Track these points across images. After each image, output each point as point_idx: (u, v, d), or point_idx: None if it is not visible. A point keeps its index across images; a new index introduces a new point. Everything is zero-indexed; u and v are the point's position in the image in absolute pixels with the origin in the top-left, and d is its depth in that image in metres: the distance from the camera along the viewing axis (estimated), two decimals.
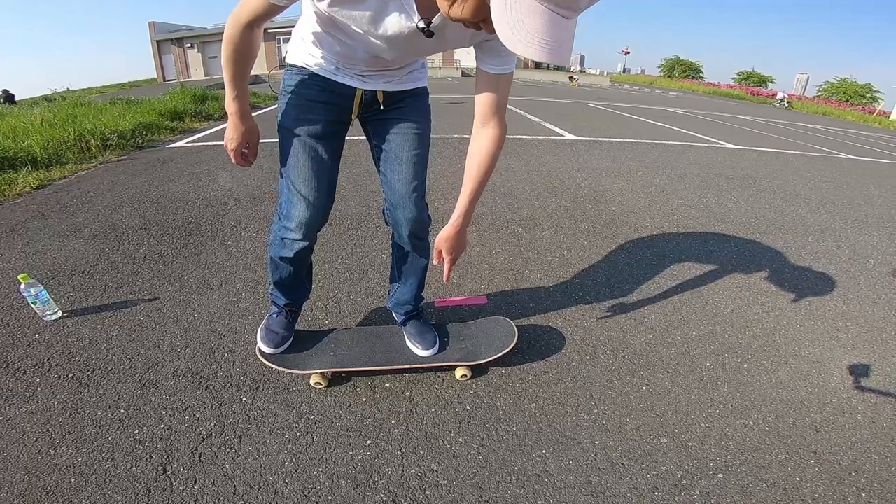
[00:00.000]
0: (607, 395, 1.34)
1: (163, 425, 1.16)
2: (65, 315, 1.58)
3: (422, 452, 1.12)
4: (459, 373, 1.36)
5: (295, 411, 1.22)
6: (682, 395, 1.37)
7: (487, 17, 0.62)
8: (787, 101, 25.13)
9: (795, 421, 1.29)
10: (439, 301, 1.50)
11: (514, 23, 0.58)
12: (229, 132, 1.08)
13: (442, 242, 1.10)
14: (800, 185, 4.07)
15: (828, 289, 2.12)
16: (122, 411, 1.19)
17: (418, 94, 1.17)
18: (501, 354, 1.38)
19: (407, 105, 1.15)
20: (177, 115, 5.49)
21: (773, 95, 28.65)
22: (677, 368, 1.49)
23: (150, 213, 2.54)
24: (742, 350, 1.61)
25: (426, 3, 0.81)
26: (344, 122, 1.15)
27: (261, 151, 1.18)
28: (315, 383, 1.29)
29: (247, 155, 1.13)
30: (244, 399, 1.25)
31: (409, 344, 1.38)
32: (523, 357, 1.47)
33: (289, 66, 1.11)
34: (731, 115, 12.13)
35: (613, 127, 7.02)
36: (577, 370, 1.45)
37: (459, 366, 1.36)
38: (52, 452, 1.07)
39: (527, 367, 1.44)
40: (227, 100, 1.04)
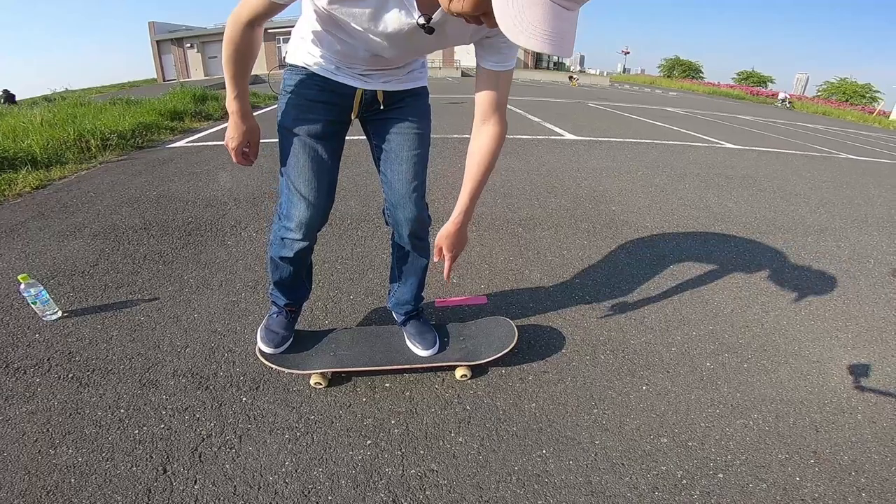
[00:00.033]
0: (607, 395, 1.34)
1: (163, 425, 1.16)
2: (65, 315, 1.58)
3: (422, 452, 1.12)
4: (459, 373, 1.36)
5: (295, 411, 1.22)
6: (682, 394, 1.37)
7: (488, 10, 0.63)
8: (789, 102, 25.01)
9: (795, 421, 1.29)
10: (439, 301, 1.50)
11: (515, 14, 0.59)
12: (230, 131, 1.08)
13: (443, 239, 1.10)
14: (800, 185, 4.07)
15: (828, 289, 2.12)
16: (122, 411, 1.19)
17: (418, 94, 1.17)
18: (501, 354, 1.38)
19: (407, 105, 1.15)
20: (177, 115, 5.49)
21: (773, 95, 28.60)
22: (677, 368, 1.49)
23: (150, 213, 2.54)
24: (742, 350, 1.61)
25: None
26: (344, 122, 1.15)
27: (261, 151, 1.18)
28: (315, 383, 1.29)
29: (247, 154, 1.14)
30: (244, 399, 1.25)
31: (409, 344, 1.38)
32: (523, 357, 1.47)
33: (288, 65, 1.11)
34: (731, 115, 12.14)
35: (613, 127, 7.02)
36: (577, 370, 1.45)
37: (459, 366, 1.36)
38: (53, 452, 1.07)
39: (527, 367, 1.44)
40: (228, 99, 1.04)
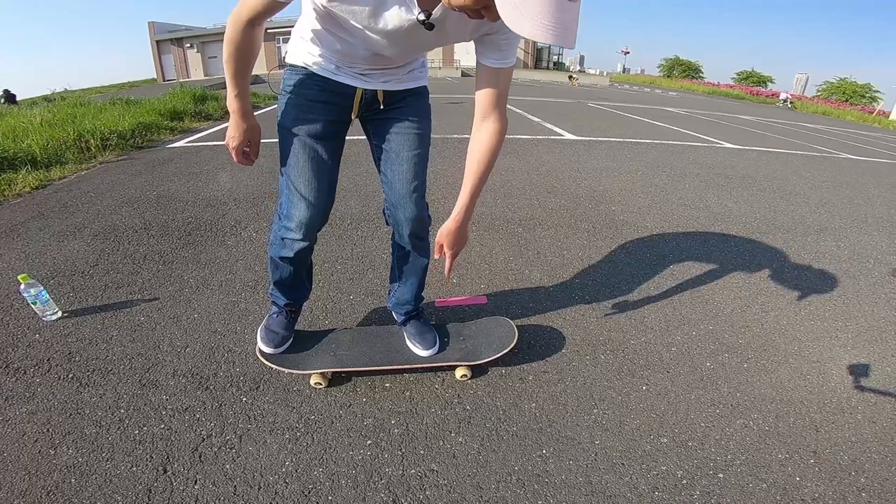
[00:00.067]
0: (607, 395, 1.34)
1: (163, 425, 1.16)
2: (65, 315, 1.58)
3: (422, 452, 1.12)
4: (459, 373, 1.36)
5: (295, 411, 1.22)
6: (682, 394, 1.37)
7: (489, 3, 0.63)
8: (791, 102, 24.89)
9: (795, 421, 1.29)
10: (439, 301, 1.50)
11: (518, 4, 0.59)
12: (231, 130, 1.08)
13: (443, 237, 1.10)
14: (799, 185, 4.07)
15: (827, 288, 2.12)
16: (122, 411, 1.19)
17: (418, 94, 1.17)
18: (501, 354, 1.38)
19: (407, 104, 1.15)
20: (176, 115, 5.49)
21: (773, 95, 28.54)
22: (677, 368, 1.49)
23: (149, 213, 2.54)
24: (742, 350, 1.61)
25: None
26: (344, 122, 1.15)
27: (261, 151, 1.18)
28: (315, 383, 1.29)
29: (248, 153, 1.14)
30: (244, 399, 1.25)
31: (409, 344, 1.38)
32: (523, 357, 1.47)
33: (288, 65, 1.11)
34: (730, 115, 12.14)
35: (613, 127, 7.02)
36: (577, 370, 1.45)
37: (459, 366, 1.36)
38: (53, 452, 1.07)
39: (527, 367, 1.44)
40: (229, 98, 1.04)
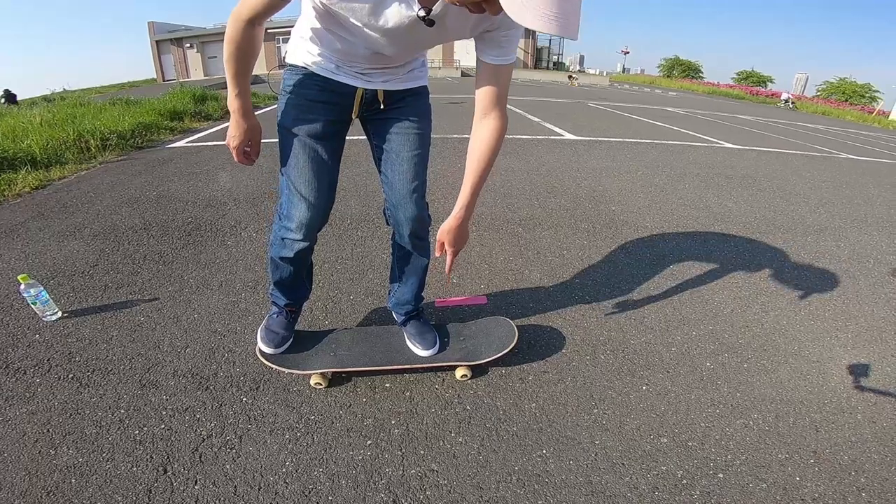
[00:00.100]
0: (607, 395, 1.34)
1: (163, 426, 1.16)
2: (65, 315, 1.58)
3: (422, 452, 1.13)
4: (459, 373, 1.36)
5: (295, 411, 1.22)
6: (682, 394, 1.37)
7: None
8: (792, 102, 24.68)
9: (795, 421, 1.29)
10: (439, 301, 1.50)
11: None
12: (231, 130, 1.08)
13: (444, 235, 1.10)
14: (799, 185, 4.07)
15: (827, 288, 2.12)
16: (122, 412, 1.19)
17: (419, 94, 1.17)
18: (501, 354, 1.38)
19: (407, 104, 1.15)
20: (176, 115, 5.49)
21: (773, 95, 28.46)
22: (677, 368, 1.49)
23: (149, 213, 2.54)
24: (742, 350, 1.61)
25: None
26: (344, 122, 1.15)
27: (261, 151, 1.18)
28: (315, 383, 1.29)
29: (249, 153, 1.14)
30: (244, 399, 1.25)
31: (409, 344, 1.38)
32: (523, 357, 1.47)
33: (288, 65, 1.11)
34: (730, 115, 12.13)
35: (613, 127, 7.02)
36: (577, 370, 1.45)
37: (459, 366, 1.36)
38: (53, 453, 1.07)
39: (527, 367, 1.44)
40: (230, 97, 1.04)
